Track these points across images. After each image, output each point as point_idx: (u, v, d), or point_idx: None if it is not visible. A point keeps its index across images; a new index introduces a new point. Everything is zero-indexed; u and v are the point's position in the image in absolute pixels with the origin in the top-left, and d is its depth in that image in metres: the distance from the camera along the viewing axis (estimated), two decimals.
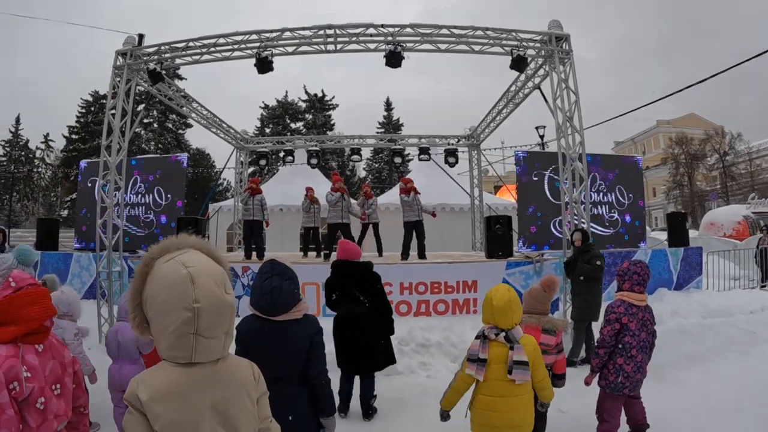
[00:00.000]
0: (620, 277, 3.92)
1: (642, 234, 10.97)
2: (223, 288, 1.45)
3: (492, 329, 3.00)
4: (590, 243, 6.93)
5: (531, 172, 10.30)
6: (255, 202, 9.88)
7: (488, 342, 2.98)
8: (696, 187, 43.08)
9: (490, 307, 3.02)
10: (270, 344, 2.61)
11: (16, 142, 44.47)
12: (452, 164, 14.02)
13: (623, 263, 4.02)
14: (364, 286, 4.75)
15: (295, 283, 2.70)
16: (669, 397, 5.03)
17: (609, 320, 3.78)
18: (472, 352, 3.02)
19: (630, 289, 3.82)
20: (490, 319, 3.02)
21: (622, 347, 3.77)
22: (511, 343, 2.95)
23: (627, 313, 3.75)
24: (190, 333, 1.36)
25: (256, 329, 2.66)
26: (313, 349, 2.69)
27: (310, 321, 2.75)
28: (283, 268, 2.70)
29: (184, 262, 1.42)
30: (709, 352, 6.69)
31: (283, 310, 2.61)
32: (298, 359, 2.65)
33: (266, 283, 2.61)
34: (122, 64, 8.34)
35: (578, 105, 7.51)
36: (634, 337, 3.75)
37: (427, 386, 5.64)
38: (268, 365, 2.61)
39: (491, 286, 3.23)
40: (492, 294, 3.06)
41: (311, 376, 2.69)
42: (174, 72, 41.42)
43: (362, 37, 7.55)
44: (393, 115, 46.35)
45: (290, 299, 2.63)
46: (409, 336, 6.54)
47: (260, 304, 2.63)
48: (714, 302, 8.62)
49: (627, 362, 3.75)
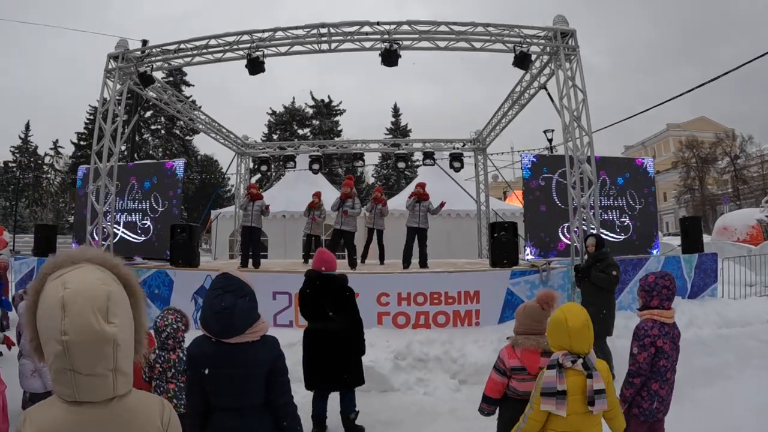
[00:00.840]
0: (646, 293, 3.44)
1: (654, 240, 10.54)
2: (103, 316, 1.20)
3: (567, 356, 2.65)
4: (605, 251, 6.49)
5: (538, 176, 9.91)
6: (255, 208, 9.56)
7: (564, 371, 2.64)
8: (707, 191, 42.44)
9: (565, 330, 2.67)
10: (223, 370, 2.31)
11: (26, 149, 44.94)
12: (457, 169, 13.70)
13: (648, 277, 3.50)
14: (335, 301, 4.45)
15: (252, 301, 2.39)
16: (686, 419, 4.65)
17: (644, 345, 3.32)
18: (547, 385, 2.64)
19: (659, 306, 3.38)
20: (565, 344, 2.68)
21: (656, 371, 3.36)
22: (589, 370, 2.63)
23: (661, 334, 3.32)
24: (66, 368, 1.17)
25: (208, 353, 2.36)
26: (275, 376, 2.39)
27: (269, 344, 2.43)
28: (237, 283, 2.38)
29: (65, 281, 1.21)
30: (727, 366, 6.31)
31: (237, 332, 2.30)
32: (255, 387, 2.34)
33: (216, 301, 2.29)
34: (114, 67, 8.17)
35: (586, 104, 7.15)
36: (668, 360, 3.35)
37: (424, 404, 5.30)
38: (222, 393, 2.37)
39: (494, 296, 2.90)
40: (565, 314, 2.72)
41: (277, 407, 2.40)
42: (181, 79, 41.67)
43: (357, 36, 7.28)
44: (401, 121, 46.17)
45: (245, 320, 2.32)
46: (407, 350, 6.18)
47: (210, 326, 2.33)
48: (731, 311, 8.24)
49: (662, 386, 3.37)
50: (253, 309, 2.39)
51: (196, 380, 2.38)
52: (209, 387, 2.35)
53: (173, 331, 3.76)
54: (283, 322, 7.34)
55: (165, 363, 3.72)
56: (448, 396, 5.34)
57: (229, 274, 2.42)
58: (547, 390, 2.62)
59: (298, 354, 6.30)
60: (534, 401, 2.70)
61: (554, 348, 2.74)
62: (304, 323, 4.64)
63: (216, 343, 2.33)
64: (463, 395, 5.41)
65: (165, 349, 3.76)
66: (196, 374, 2.37)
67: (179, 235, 8.65)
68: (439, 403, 5.25)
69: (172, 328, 3.77)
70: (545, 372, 2.68)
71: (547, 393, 2.62)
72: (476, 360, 6.07)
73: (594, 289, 6.22)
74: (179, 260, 8.47)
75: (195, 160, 43.09)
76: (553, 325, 2.77)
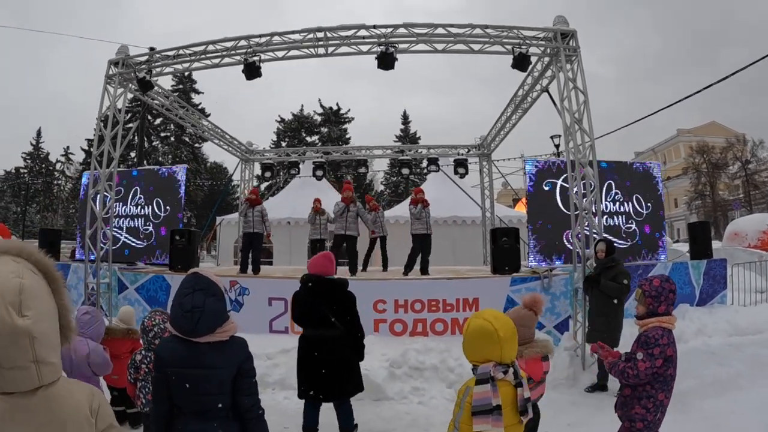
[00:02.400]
0: (653, 299, 3.16)
1: (662, 246, 10.32)
2: (16, 310, 1.20)
3: (498, 367, 2.39)
4: (615, 258, 6.22)
5: (542, 181, 9.75)
6: (255, 213, 9.49)
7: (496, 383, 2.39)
8: (718, 196, 41.88)
9: (496, 341, 2.39)
10: (189, 370, 2.29)
11: (37, 155, 45.58)
12: (462, 175, 13.56)
13: (652, 281, 3.22)
14: (337, 307, 4.25)
15: (220, 300, 2.37)
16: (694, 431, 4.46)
17: (652, 354, 3.06)
18: (481, 402, 2.35)
19: (666, 312, 3.15)
20: (494, 355, 2.40)
21: (663, 381, 3.15)
22: (518, 379, 2.41)
23: (669, 342, 3.11)
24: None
25: (175, 353, 2.33)
26: (242, 378, 2.36)
27: (237, 345, 2.41)
28: (207, 282, 2.36)
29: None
30: (738, 376, 6.06)
31: (205, 331, 2.28)
32: (221, 389, 2.31)
33: (186, 300, 2.29)
34: (114, 73, 8.19)
35: (587, 106, 6.99)
36: (675, 368, 3.18)
37: (418, 414, 5.15)
38: (188, 395, 2.29)
39: (494, 303, 2.73)
40: (493, 324, 2.42)
41: (244, 409, 2.35)
42: (191, 87, 42.04)
43: (354, 40, 7.21)
44: (410, 128, 46.11)
45: (213, 319, 2.30)
46: (402, 358, 6.02)
47: (179, 324, 2.31)
48: (741, 319, 8.00)
49: (667, 396, 3.18)
50: (223, 308, 2.38)
51: (162, 380, 2.35)
52: (174, 387, 2.32)
53: (160, 331, 3.70)
54: (279, 328, 7.26)
55: (151, 363, 3.65)
56: (443, 406, 5.17)
57: (199, 273, 2.41)
58: (481, 408, 2.35)
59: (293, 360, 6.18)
60: (462, 422, 2.40)
61: (478, 361, 2.44)
62: (300, 329, 4.47)
63: (184, 342, 2.32)
64: None
65: (151, 349, 3.70)
66: (161, 373, 2.35)
67: (178, 240, 8.63)
68: (434, 413, 5.08)
69: (159, 328, 3.72)
70: (474, 389, 2.39)
71: (480, 411, 2.35)
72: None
73: (604, 299, 5.93)
74: (178, 265, 8.43)
75: (204, 167, 43.32)
76: (480, 337, 2.45)
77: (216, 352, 2.31)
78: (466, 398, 2.39)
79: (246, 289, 7.76)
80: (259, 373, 2.63)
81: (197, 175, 40.67)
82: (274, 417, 4.94)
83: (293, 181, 18.72)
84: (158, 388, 2.40)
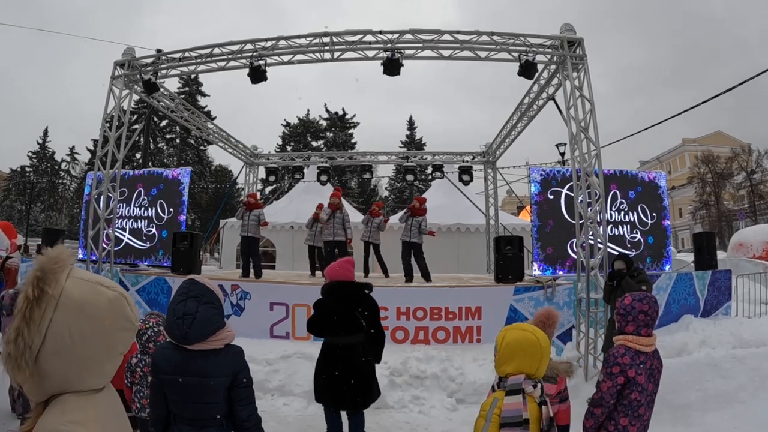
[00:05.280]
0: (621, 317, 3.08)
1: (666, 256, 10.24)
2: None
3: (528, 381, 2.29)
4: (639, 269, 6.22)
5: (547, 190, 9.70)
6: (251, 217, 9.46)
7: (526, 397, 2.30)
8: (723, 206, 41.61)
9: (538, 352, 2.32)
10: (182, 377, 2.27)
11: (43, 154, 45.81)
12: (466, 182, 13.54)
13: (625, 298, 3.12)
14: (368, 312, 4.18)
15: (215, 308, 2.34)
16: None
17: (611, 373, 2.96)
18: (511, 413, 2.25)
19: (635, 332, 3.02)
20: (531, 368, 2.32)
21: (627, 405, 2.99)
22: (542, 397, 2.32)
23: (633, 363, 2.95)
24: None
25: (170, 359, 2.32)
26: (237, 387, 2.33)
27: (232, 353, 2.38)
28: (201, 289, 2.35)
29: None
30: (741, 389, 5.98)
31: (197, 339, 2.26)
32: (214, 397, 2.29)
33: (179, 306, 2.28)
34: (120, 74, 8.21)
35: (594, 114, 6.95)
36: (642, 393, 2.97)
37: (417, 424, 5.09)
38: (181, 402, 2.27)
39: (497, 313, 2.64)
40: (536, 335, 2.36)
41: (240, 419, 2.33)
42: (197, 89, 42.22)
43: (360, 45, 7.20)
44: (416, 134, 46.14)
45: (206, 327, 2.28)
46: (403, 366, 5.96)
47: (171, 331, 2.31)
48: (745, 331, 7.90)
49: (633, 422, 2.98)
50: (216, 316, 2.35)
51: (158, 387, 2.34)
52: (169, 394, 2.31)
53: (154, 335, 3.67)
54: (280, 333, 7.20)
55: (146, 367, 3.63)
56: (443, 416, 5.12)
57: (195, 280, 2.40)
58: (512, 420, 2.24)
59: (293, 366, 6.16)
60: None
61: (512, 373, 2.35)
62: (300, 335, 4.38)
63: (178, 349, 2.30)
64: (459, 416, 5.18)
65: (146, 353, 3.67)
66: (157, 380, 2.34)
67: (181, 243, 8.62)
68: (434, 422, 5.03)
69: (153, 331, 3.69)
70: (505, 399, 2.28)
71: (510, 423, 2.24)
72: (475, 379, 5.83)
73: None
74: (180, 268, 8.41)
75: (209, 170, 43.43)
76: (522, 347, 2.36)
77: (208, 360, 2.29)
78: (494, 410, 2.28)
79: (247, 294, 7.71)
80: (258, 378, 2.62)
81: (202, 177, 40.76)
82: (273, 423, 4.92)
83: (297, 185, 18.73)
84: (154, 393, 2.39)
